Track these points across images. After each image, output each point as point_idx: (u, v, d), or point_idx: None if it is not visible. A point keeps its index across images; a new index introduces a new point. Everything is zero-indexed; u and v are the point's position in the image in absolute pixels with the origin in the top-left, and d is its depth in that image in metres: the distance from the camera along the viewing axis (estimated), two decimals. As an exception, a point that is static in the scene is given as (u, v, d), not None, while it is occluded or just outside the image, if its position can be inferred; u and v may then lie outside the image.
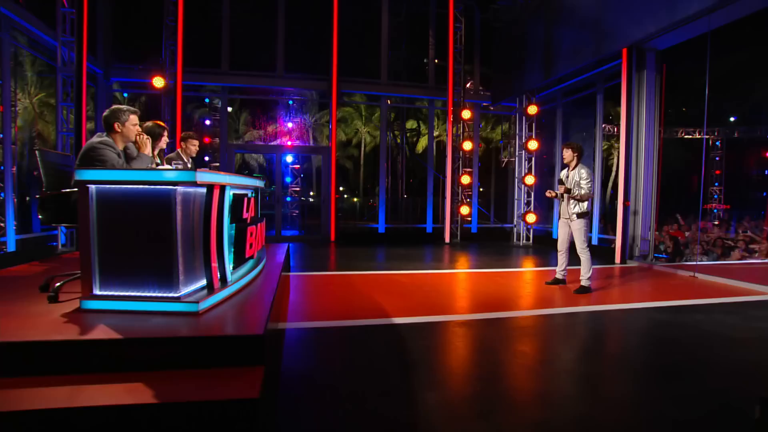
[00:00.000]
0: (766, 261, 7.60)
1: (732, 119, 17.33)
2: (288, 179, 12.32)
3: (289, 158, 12.30)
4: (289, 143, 12.90)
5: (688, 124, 17.94)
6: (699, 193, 17.51)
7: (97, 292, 2.34)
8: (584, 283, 4.87)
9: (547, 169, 10.34)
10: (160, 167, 2.98)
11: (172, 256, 2.38)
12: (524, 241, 9.79)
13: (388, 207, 11.03)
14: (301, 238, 10.51)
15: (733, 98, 16.77)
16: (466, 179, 9.97)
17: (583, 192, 4.74)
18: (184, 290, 2.46)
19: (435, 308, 4.11)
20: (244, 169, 22.95)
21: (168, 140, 3.92)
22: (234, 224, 3.17)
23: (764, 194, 18.28)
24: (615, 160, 21.78)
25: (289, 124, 13.34)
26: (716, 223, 12.84)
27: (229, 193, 2.86)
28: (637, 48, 6.66)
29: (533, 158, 9.74)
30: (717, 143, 17.91)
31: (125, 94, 9.73)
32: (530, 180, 9.53)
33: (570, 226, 4.98)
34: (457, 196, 10.16)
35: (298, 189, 12.70)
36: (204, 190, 2.65)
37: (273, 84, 9.80)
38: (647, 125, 6.92)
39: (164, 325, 2.19)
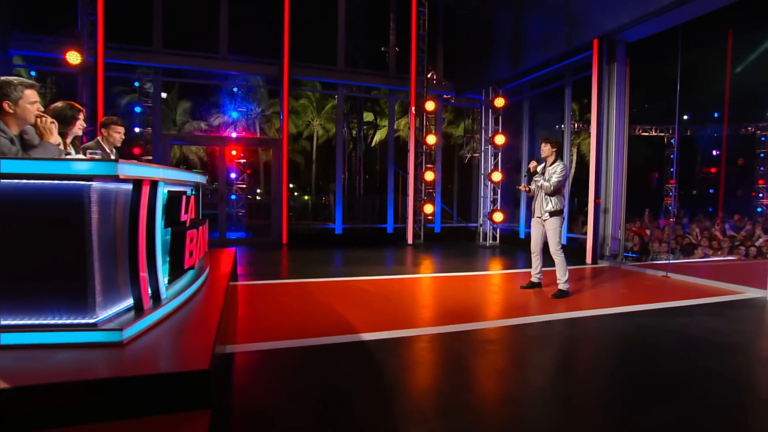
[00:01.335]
0: (728, 258, 8.05)
1: (685, 117, 18.54)
2: (233, 175, 11.65)
3: (234, 152, 11.62)
4: (234, 135, 12.20)
5: (645, 121, 19.01)
6: (659, 190, 18.58)
7: (-23, 321, 1.87)
8: (562, 286, 4.83)
9: (510, 165, 10.43)
10: (70, 157, 2.51)
11: (86, 271, 1.96)
12: (491, 241, 9.82)
13: (344, 206, 10.70)
14: (248, 240, 9.95)
15: (684, 96, 17.91)
16: (429, 176, 9.85)
17: (547, 184, 4.73)
18: (103, 314, 2.04)
19: (405, 320, 3.87)
20: (182, 164, 21.70)
21: (85, 126, 3.40)
22: (169, 228, 2.75)
23: (710, 191, 19.77)
24: (574, 157, 22.73)
25: (234, 114, 12.64)
26: (672, 219, 13.60)
27: (162, 190, 2.45)
28: (608, 39, 6.78)
29: (500, 154, 9.78)
30: (672, 141, 19.12)
31: (32, 72, 8.69)
32: (497, 176, 9.56)
33: (544, 225, 4.93)
34: (420, 193, 10.01)
35: (244, 186, 12.04)
36: (130, 186, 2.24)
37: (215, 67, 9.14)
38: (617, 120, 7.08)
39: (74, 364, 1.78)
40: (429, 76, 10.47)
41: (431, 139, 9.83)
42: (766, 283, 4.84)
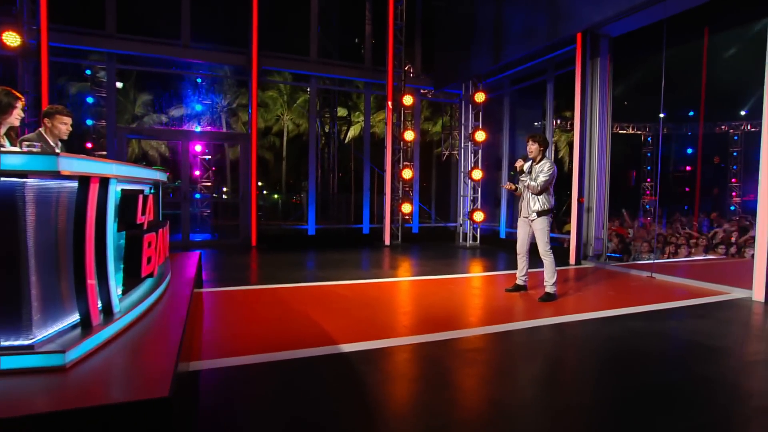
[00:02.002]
0: (709, 257, 8.27)
1: (662, 115, 19.13)
2: (197, 172, 11.24)
3: (198, 147, 11.22)
4: (198, 129, 11.78)
5: (622, 118, 19.53)
6: (637, 188, 19.08)
7: None
8: (549, 289, 4.80)
9: (490, 162, 10.44)
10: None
11: (19, 283, 1.73)
12: (471, 242, 9.81)
13: (317, 205, 10.48)
14: (214, 243, 9.61)
15: (661, 94, 18.47)
16: (407, 173, 9.74)
17: (533, 184, 4.69)
18: (41, 334, 1.81)
19: (387, 329, 3.73)
20: (142, 161, 20.93)
21: (24, 115, 3.12)
22: (124, 232, 2.52)
23: (686, 189, 20.51)
24: (552, 154, 23.17)
25: (198, 107, 12.19)
26: (650, 218, 13.97)
27: (114, 189, 2.23)
28: (591, 33, 6.83)
29: (480, 150, 9.76)
30: (648, 139, 19.72)
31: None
32: (477, 174, 9.54)
33: (531, 225, 4.89)
34: (397, 192, 9.90)
35: (209, 184, 11.65)
36: (75, 184, 2.01)
37: (176, 55, 8.74)
38: (600, 117, 7.15)
39: (4, 395, 1.55)
40: (406, 69, 10.37)
41: (409, 135, 9.73)
42: (751, 283, 4.93)
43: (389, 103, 9.57)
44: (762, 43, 4.77)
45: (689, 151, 20.17)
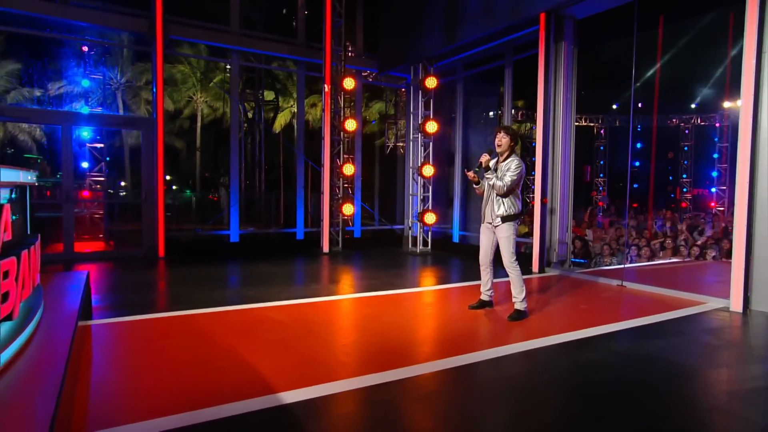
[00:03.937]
0: (674, 261, 8.70)
1: (615, 106, 20.25)
2: (85, 164, 10.16)
3: (87, 133, 10.13)
4: (85, 110, 10.65)
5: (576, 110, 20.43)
6: (591, 185, 20.03)
7: None
8: (518, 306, 4.67)
9: (441, 157, 10.33)
10: None
11: None
12: (421, 247, 9.64)
13: (241, 205, 9.86)
14: (109, 255, 8.70)
15: (615, 86, 19.55)
16: (349, 169, 9.39)
17: (499, 183, 4.53)
18: None
19: (334, 366, 3.38)
20: (9, 148, 18.85)
21: None
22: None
23: (635, 186, 21.95)
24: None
25: (85, 83, 11.00)
26: (609, 218, 14.68)
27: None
28: (555, 14, 6.85)
29: (431, 143, 9.61)
30: (601, 132, 20.80)
31: None
32: (429, 171, 9.38)
33: (495, 232, 4.75)
34: (336, 190, 9.51)
35: (102, 179, 10.58)
36: None
37: (51, 13, 7.58)
38: (565, 107, 7.20)
39: None
40: (345, 46, 10.00)
41: (350, 125, 9.36)
42: (728, 292, 5.10)
43: (327, 86, 9.14)
44: (713, 35, 4.91)
45: (639, 145, 21.54)
